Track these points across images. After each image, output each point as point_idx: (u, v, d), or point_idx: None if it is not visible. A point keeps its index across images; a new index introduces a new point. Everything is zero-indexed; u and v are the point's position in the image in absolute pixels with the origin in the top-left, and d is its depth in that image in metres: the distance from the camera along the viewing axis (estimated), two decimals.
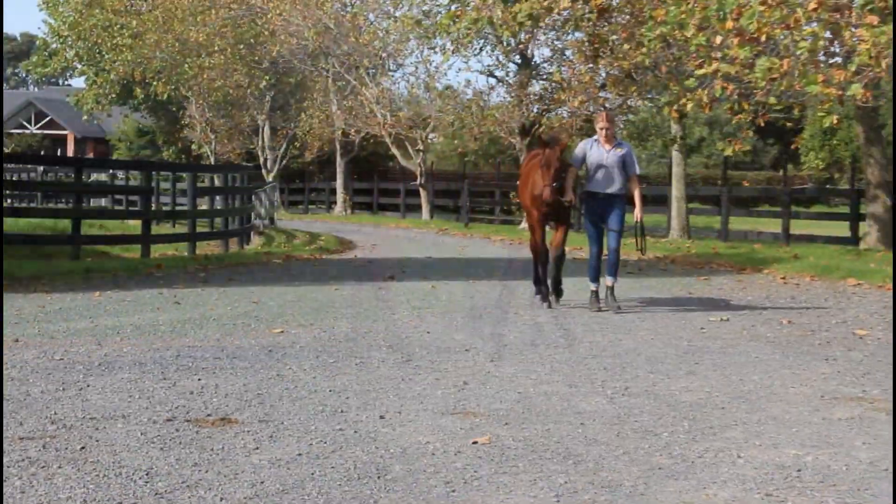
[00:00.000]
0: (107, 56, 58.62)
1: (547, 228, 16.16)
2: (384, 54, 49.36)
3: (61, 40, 63.51)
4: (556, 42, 40.09)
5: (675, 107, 22.95)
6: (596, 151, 15.35)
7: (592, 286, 15.50)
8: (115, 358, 10.59)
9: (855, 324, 14.27)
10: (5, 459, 6.90)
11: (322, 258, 25.95)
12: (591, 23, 27.45)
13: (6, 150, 72.05)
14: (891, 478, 6.96)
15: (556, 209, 15.56)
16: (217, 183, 30.46)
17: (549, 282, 15.82)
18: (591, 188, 15.44)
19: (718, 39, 19.21)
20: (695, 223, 36.48)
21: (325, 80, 52.80)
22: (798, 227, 32.93)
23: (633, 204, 15.63)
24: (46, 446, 7.26)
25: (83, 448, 7.23)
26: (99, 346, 11.23)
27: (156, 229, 27.85)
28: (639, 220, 15.68)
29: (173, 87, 56.28)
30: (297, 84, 56.67)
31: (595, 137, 15.60)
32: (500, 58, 43.52)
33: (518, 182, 18.17)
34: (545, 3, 26.39)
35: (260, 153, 59.72)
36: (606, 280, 15.18)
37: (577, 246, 28.23)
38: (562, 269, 15.84)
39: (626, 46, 26.57)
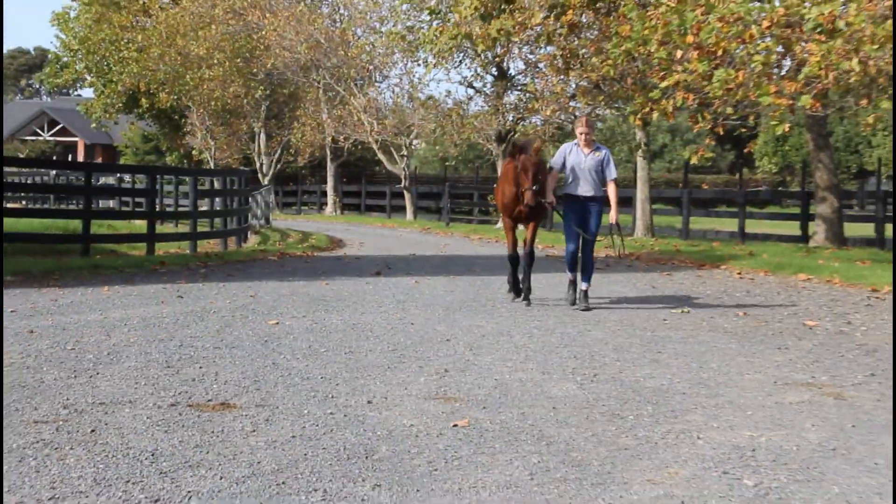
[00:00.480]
0: (114, 68, 58.60)
1: (520, 227, 15.76)
2: (371, 67, 49.34)
3: (72, 54, 63.45)
4: (529, 56, 40.08)
5: (639, 115, 22.98)
6: (575, 155, 14.74)
7: (570, 275, 15.07)
8: (123, 348, 10.58)
9: (805, 315, 14.33)
10: (21, 441, 6.90)
11: (314, 255, 25.91)
12: (562, 38, 27.49)
13: (21, 156, 71.85)
14: (839, 457, 7.00)
15: (530, 211, 15.03)
16: (216, 186, 30.31)
17: (520, 281, 15.35)
18: (571, 191, 14.79)
19: (679, 53, 19.25)
20: (658, 223, 36.56)
21: (317, 90, 52.77)
22: (753, 226, 33.08)
23: (609, 206, 15.09)
24: (59, 429, 7.25)
25: (93, 431, 7.23)
26: (108, 337, 11.22)
27: (160, 229, 27.83)
28: (614, 222, 15.10)
29: (176, 97, 56.24)
30: (291, 94, 56.65)
31: (575, 142, 14.94)
32: (479, 70, 43.50)
33: (495, 186, 17.31)
34: (519, 20, 26.42)
35: (256, 158, 59.64)
36: (581, 284, 14.67)
37: (549, 244, 28.26)
38: (531, 268, 15.32)
39: (594, 60, 26.63)
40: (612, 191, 14.99)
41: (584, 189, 14.68)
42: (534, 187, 14.45)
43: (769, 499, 6.09)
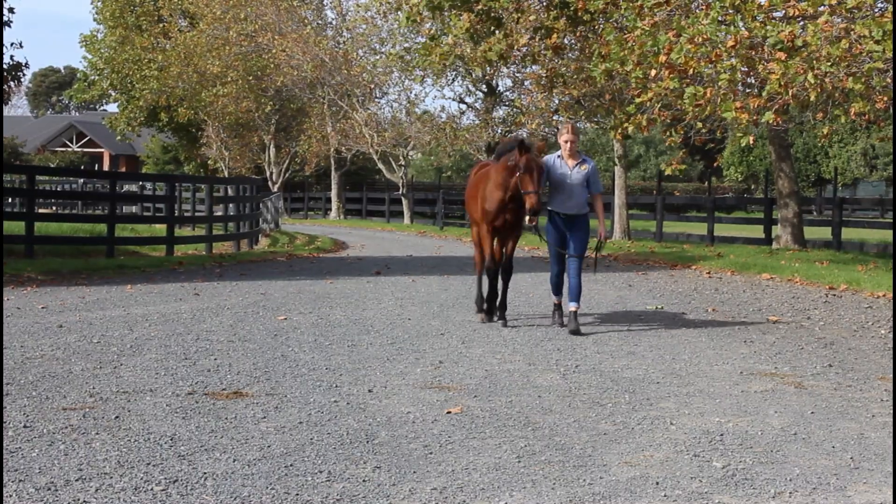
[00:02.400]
0: (136, 86, 58.47)
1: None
2: (371, 84, 49.29)
3: (98, 72, 63.33)
4: (516, 74, 40.15)
5: (619, 130, 22.98)
6: (560, 168, 12.02)
7: (555, 298, 12.50)
8: (144, 341, 10.57)
9: (768, 311, 14.33)
10: (51, 427, 6.89)
11: (319, 256, 25.90)
12: (546, 58, 27.52)
13: (52, 165, 71.80)
14: (800, 441, 7.00)
15: (513, 222, 12.39)
16: (230, 193, 30.27)
17: (492, 297, 12.71)
18: (555, 207, 12.11)
19: (653, 72, 19.25)
20: (634, 226, 36.55)
21: (322, 105, 52.67)
22: (721, 229, 33.05)
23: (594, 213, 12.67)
24: (86, 416, 7.24)
25: (117, 417, 7.22)
26: (130, 331, 11.20)
27: (178, 232, 27.73)
28: (602, 238, 12.41)
29: (193, 111, 56.16)
30: (298, 109, 56.54)
31: (558, 153, 12.18)
32: (470, 87, 43.65)
33: (466, 194, 13.72)
34: (508, 42, 26.44)
35: (266, 167, 59.56)
36: (570, 305, 11.92)
37: (534, 245, 28.21)
38: (508, 284, 12.74)
39: (575, 77, 26.67)
40: (599, 205, 12.41)
41: (570, 206, 12.08)
42: (538, 191, 11.77)
43: (736, 479, 6.09)
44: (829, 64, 17.45)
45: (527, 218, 12.06)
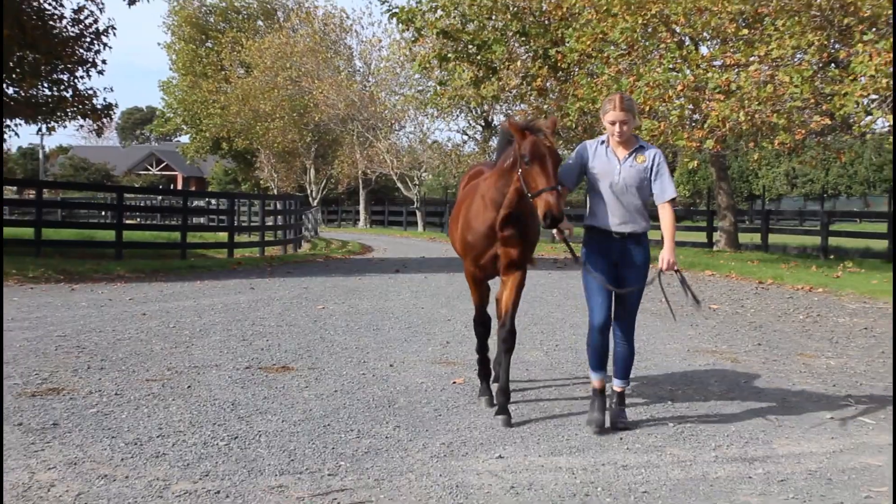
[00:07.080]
0: (203, 121, 58.57)
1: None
2: (392, 119, 49.31)
3: (173, 111, 63.54)
4: (508, 111, 40.20)
5: None
6: (603, 160, 6.24)
7: (594, 379, 6.37)
8: (211, 326, 10.58)
9: (710, 301, 14.33)
10: (136, 395, 6.91)
11: (350, 258, 25.89)
12: (532, 98, 27.59)
13: (136, 185, 71.84)
14: (735, 404, 7.00)
15: (509, 261, 6.42)
16: (279, 207, 30.28)
17: (486, 370, 7.04)
18: (596, 222, 6.27)
19: None
20: None
21: (352, 136, 52.66)
22: None
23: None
24: (164, 385, 7.26)
25: (189, 387, 7.24)
26: (199, 318, 11.22)
27: (237, 238, 27.74)
28: (666, 267, 6.49)
29: (248, 142, 56.24)
30: (333, 139, 56.52)
31: (601, 138, 6.35)
32: (471, 122, 43.70)
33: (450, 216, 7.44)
34: (500, 84, 26.49)
35: (307, 186, 59.57)
36: (614, 384, 6.47)
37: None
38: (510, 357, 6.59)
39: (556, 114, 26.71)
40: (668, 217, 6.48)
41: (620, 220, 6.26)
42: (559, 187, 5.84)
43: (684, 435, 6.10)
44: (757, 104, 17.49)
45: (554, 231, 6.00)
